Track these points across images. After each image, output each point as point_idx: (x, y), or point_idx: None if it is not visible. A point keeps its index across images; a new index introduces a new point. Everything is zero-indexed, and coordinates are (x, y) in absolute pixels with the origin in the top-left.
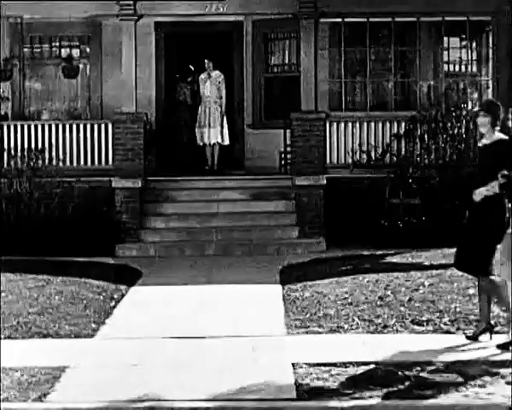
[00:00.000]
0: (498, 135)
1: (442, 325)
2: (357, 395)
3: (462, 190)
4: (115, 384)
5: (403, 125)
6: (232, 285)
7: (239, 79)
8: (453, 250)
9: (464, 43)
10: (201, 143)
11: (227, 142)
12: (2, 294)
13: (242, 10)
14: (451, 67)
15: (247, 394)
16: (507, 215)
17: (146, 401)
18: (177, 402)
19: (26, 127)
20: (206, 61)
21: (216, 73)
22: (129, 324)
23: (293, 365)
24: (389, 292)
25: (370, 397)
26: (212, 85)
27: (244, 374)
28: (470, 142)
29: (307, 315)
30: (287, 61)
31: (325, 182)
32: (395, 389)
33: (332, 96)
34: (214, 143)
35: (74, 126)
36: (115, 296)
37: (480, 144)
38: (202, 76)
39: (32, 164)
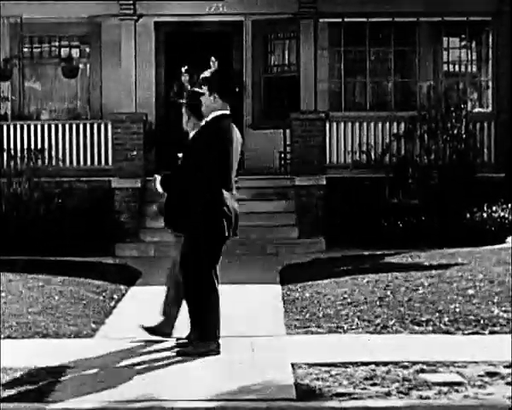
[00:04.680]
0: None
1: (442, 326)
2: (356, 396)
3: (462, 190)
4: (115, 384)
5: (402, 125)
6: (231, 285)
7: (239, 79)
8: (453, 250)
9: (464, 43)
10: None
11: None
12: (2, 294)
13: (242, 10)
14: (451, 67)
15: (246, 394)
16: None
17: (146, 401)
18: (177, 402)
19: (25, 127)
20: (212, 59)
21: None
22: (129, 324)
23: (292, 365)
24: (389, 292)
25: (370, 397)
26: None
27: (243, 374)
28: (470, 142)
29: (307, 315)
30: (286, 61)
31: (325, 182)
32: (395, 389)
33: (332, 96)
34: None
35: (74, 126)
36: (115, 296)
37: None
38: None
39: (31, 164)
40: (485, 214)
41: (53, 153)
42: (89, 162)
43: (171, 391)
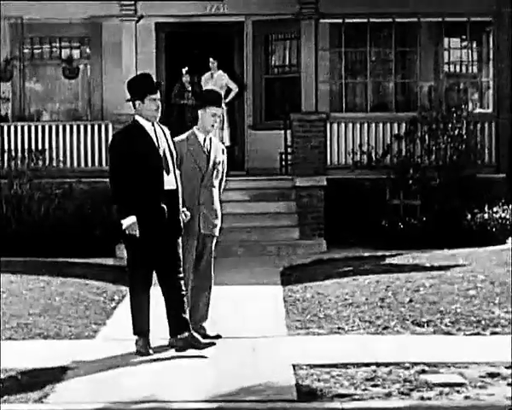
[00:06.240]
0: None
1: (443, 326)
2: (357, 397)
3: (463, 190)
4: (115, 385)
5: (403, 126)
6: (233, 286)
7: (240, 80)
8: (454, 251)
9: (465, 43)
10: None
11: (227, 143)
12: (3, 295)
13: (243, 11)
14: (452, 67)
15: (247, 395)
16: None
17: (146, 403)
18: (176, 403)
19: (26, 128)
20: (211, 59)
21: (219, 74)
22: (129, 325)
23: (293, 366)
24: (390, 293)
25: (371, 398)
26: (213, 86)
27: (244, 375)
28: (471, 143)
29: (308, 316)
30: (287, 61)
31: (326, 183)
32: (396, 390)
33: (332, 97)
34: None
35: (75, 127)
36: (116, 297)
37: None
38: (205, 76)
39: (32, 165)
40: (486, 215)
41: (54, 154)
42: (90, 163)
43: (171, 392)
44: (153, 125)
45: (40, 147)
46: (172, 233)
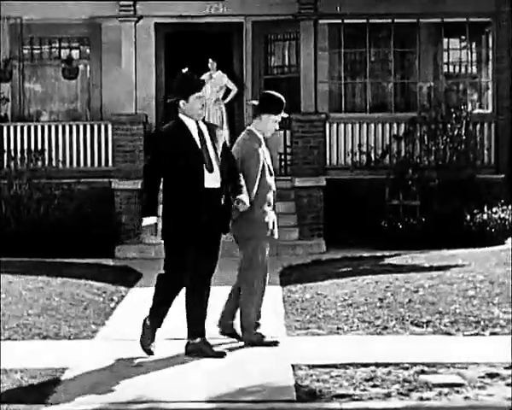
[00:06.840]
0: None
1: (442, 327)
2: (357, 397)
3: (462, 191)
4: (115, 386)
5: (402, 126)
6: (231, 286)
7: (239, 81)
8: (453, 251)
9: (464, 44)
10: None
11: (227, 143)
12: (2, 295)
13: (242, 11)
14: (451, 68)
15: (246, 395)
16: None
17: (145, 403)
18: (176, 404)
19: (25, 128)
20: (210, 60)
21: (218, 74)
22: (129, 325)
23: (292, 366)
24: (389, 293)
25: (370, 399)
26: (213, 87)
27: (243, 376)
28: (470, 143)
29: (307, 316)
30: (286, 62)
31: (325, 183)
32: (395, 390)
33: (332, 98)
34: None
35: (74, 128)
36: (115, 298)
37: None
38: (204, 77)
39: (31, 165)
40: (485, 216)
41: (53, 154)
42: (89, 163)
43: (170, 393)
44: (197, 123)
45: (39, 147)
46: (213, 232)
